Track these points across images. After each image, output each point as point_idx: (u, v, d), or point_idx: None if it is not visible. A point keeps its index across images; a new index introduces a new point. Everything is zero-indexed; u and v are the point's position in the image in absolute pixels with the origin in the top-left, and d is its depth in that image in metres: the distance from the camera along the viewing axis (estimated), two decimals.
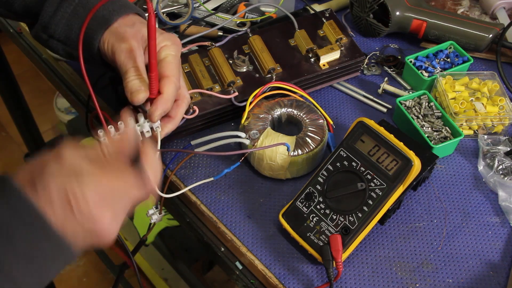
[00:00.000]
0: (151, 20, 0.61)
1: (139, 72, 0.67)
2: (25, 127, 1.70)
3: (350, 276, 0.72)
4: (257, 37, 0.90)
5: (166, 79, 0.66)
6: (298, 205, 0.74)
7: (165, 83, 0.66)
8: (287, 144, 0.77)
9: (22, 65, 2.37)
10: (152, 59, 0.63)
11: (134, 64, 0.67)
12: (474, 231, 0.77)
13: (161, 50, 0.67)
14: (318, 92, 0.93)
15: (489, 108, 0.85)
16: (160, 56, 0.67)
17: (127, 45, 0.67)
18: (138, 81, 0.66)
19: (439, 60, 0.92)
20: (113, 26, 0.69)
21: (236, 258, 0.77)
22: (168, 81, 0.66)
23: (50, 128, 2.19)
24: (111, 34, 0.68)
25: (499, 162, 0.81)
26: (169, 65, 0.67)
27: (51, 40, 0.72)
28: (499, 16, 1.02)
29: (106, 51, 0.68)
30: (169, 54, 0.67)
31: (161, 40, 0.67)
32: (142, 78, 0.66)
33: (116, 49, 0.67)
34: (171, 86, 0.66)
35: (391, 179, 0.70)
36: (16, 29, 1.08)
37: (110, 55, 0.68)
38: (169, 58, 0.67)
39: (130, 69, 0.66)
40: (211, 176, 0.81)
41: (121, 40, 0.67)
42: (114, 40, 0.67)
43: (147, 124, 0.67)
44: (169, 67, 0.67)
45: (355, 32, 1.03)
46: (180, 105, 0.71)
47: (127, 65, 0.66)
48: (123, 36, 0.67)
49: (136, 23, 0.70)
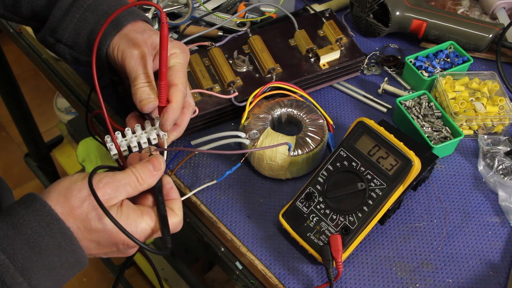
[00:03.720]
0: (164, 30, 0.62)
1: (149, 79, 0.67)
2: (25, 127, 1.70)
3: (350, 276, 0.72)
4: (257, 37, 0.90)
5: (174, 88, 0.67)
6: (298, 205, 0.74)
7: (174, 91, 0.66)
8: (289, 143, 0.77)
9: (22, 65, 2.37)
10: (163, 68, 0.64)
11: (144, 71, 0.67)
12: (474, 231, 0.77)
13: (170, 57, 0.68)
14: (318, 92, 0.93)
15: (489, 108, 0.85)
16: (169, 64, 0.67)
17: (138, 51, 0.67)
18: (148, 89, 0.66)
19: (439, 60, 0.92)
20: (123, 31, 0.69)
21: (236, 258, 0.77)
22: (176, 89, 0.67)
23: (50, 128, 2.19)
24: (121, 39, 0.68)
25: (499, 162, 0.81)
26: (178, 73, 0.67)
27: (58, 45, 0.72)
28: (499, 16, 1.02)
29: (115, 56, 0.68)
30: (177, 62, 0.68)
31: (170, 48, 0.68)
32: (152, 85, 0.67)
33: (126, 54, 0.67)
34: (179, 94, 0.67)
35: (391, 179, 0.70)
36: (16, 29, 1.08)
37: (120, 60, 0.68)
38: (177, 66, 0.68)
39: (140, 75, 0.66)
40: (211, 176, 0.81)
41: (132, 46, 0.67)
42: (125, 46, 0.68)
43: (154, 131, 0.67)
44: (177, 75, 0.67)
45: (355, 32, 1.03)
46: (186, 113, 0.71)
47: (137, 71, 0.67)
48: (133, 42, 0.68)
49: (146, 30, 0.70)
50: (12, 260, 0.49)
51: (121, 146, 0.66)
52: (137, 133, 0.67)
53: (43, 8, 0.72)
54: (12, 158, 2.15)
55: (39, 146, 1.79)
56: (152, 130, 0.67)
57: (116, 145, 0.65)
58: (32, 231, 0.51)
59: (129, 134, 0.66)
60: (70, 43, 0.71)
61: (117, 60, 0.68)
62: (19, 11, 0.74)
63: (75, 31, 0.70)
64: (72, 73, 0.97)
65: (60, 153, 1.95)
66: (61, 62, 0.99)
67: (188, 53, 0.71)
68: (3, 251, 0.50)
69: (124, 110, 0.86)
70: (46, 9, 0.72)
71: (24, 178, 2.09)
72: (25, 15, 0.74)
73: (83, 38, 0.70)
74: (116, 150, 0.66)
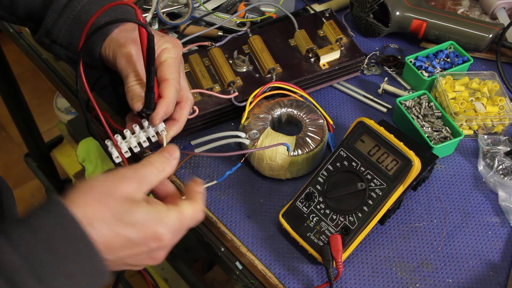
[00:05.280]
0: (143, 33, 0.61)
1: (139, 77, 0.67)
2: (25, 127, 1.70)
3: (350, 276, 0.72)
4: (257, 37, 0.90)
5: (166, 82, 0.67)
6: (298, 205, 0.74)
7: (165, 86, 0.66)
8: (287, 144, 0.77)
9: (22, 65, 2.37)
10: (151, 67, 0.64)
11: (134, 69, 0.67)
12: (474, 231, 0.77)
13: (162, 53, 0.68)
14: (318, 92, 0.93)
15: (489, 108, 0.85)
16: (160, 59, 0.67)
17: (127, 50, 0.67)
18: (138, 87, 0.67)
19: (439, 60, 0.92)
20: (114, 32, 0.69)
21: (236, 258, 0.77)
22: (167, 84, 0.67)
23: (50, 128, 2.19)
24: (112, 40, 0.69)
25: (499, 162, 0.81)
26: (169, 68, 0.67)
27: (54, 45, 0.73)
28: (499, 16, 1.02)
29: (107, 55, 0.69)
30: (169, 57, 0.68)
31: (162, 43, 0.68)
32: (143, 82, 0.67)
33: (117, 54, 0.68)
34: (171, 89, 0.67)
35: (391, 179, 0.70)
36: (16, 29, 1.08)
37: (112, 60, 0.69)
38: (169, 61, 0.68)
39: (130, 74, 0.67)
40: (211, 176, 0.81)
41: (122, 45, 0.68)
42: (115, 46, 0.68)
43: (152, 129, 0.67)
44: (168, 70, 0.67)
45: (355, 32, 1.03)
46: (184, 107, 0.71)
47: (127, 70, 0.67)
48: (124, 42, 0.68)
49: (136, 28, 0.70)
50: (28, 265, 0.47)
51: (121, 148, 0.66)
52: (136, 132, 0.67)
53: (39, 9, 0.73)
54: (12, 158, 2.15)
55: (39, 146, 1.79)
56: (149, 127, 0.67)
57: (117, 148, 0.66)
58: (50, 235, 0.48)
59: (128, 135, 0.66)
60: (65, 44, 0.72)
61: (110, 60, 0.69)
62: (16, 11, 0.74)
63: (69, 32, 0.71)
64: (72, 73, 0.97)
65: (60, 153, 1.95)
66: (61, 62, 0.99)
67: (180, 47, 0.70)
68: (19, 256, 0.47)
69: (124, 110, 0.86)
70: (42, 10, 0.72)
71: (24, 178, 2.09)
72: (22, 16, 0.75)
73: (77, 38, 0.71)
74: (118, 152, 0.66)
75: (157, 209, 0.55)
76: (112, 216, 0.51)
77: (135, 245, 0.53)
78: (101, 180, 0.53)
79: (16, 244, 0.47)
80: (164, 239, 0.55)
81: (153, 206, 0.55)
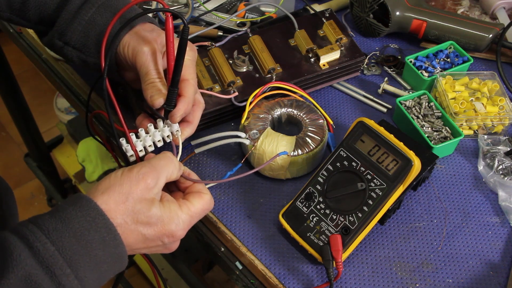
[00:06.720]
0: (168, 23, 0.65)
1: (160, 75, 0.68)
2: (25, 127, 1.70)
3: (350, 276, 0.72)
4: (257, 37, 0.90)
5: (185, 82, 0.68)
6: (298, 205, 0.74)
7: (185, 85, 0.68)
8: (286, 152, 0.77)
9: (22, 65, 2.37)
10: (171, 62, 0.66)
11: (155, 67, 0.68)
12: (474, 231, 0.77)
13: None
14: (318, 92, 0.93)
15: (489, 108, 0.85)
16: None
17: (149, 47, 0.68)
18: (159, 84, 0.68)
19: (439, 60, 0.92)
20: (134, 30, 0.70)
21: (236, 258, 0.77)
22: (187, 83, 0.68)
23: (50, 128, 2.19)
24: (132, 37, 0.69)
25: (499, 162, 0.81)
26: (187, 69, 0.69)
27: (67, 47, 0.73)
28: (499, 16, 1.02)
29: (126, 53, 0.70)
30: (186, 59, 0.69)
31: None
32: (163, 81, 0.68)
33: (138, 51, 0.68)
34: (191, 88, 0.68)
35: (391, 179, 0.70)
36: (16, 29, 1.08)
37: (131, 57, 0.69)
38: (187, 63, 0.69)
39: (151, 70, 0.68)
40: (211, 176, 0.81)
41: (142, 43, 0.69)
42: (136, 43, 0.69)
43: (167, 129, 0.67)
44: (187, 70, 0.69)
45: (355, 32, 1.03)
46: (197, 110, 0.72)
47: (148, 67, 0.68)
48: (144, 40, 0.69)
49: (155, 29, 0.72)
50: (61, 252, 0.51)
51: (136, 146, 0.66)
52: (151, 132, 0.67)
53: (51, 12, 0.73)
54: (12, 158, 2.15)
55: (39, 146, 1.79)
56: (164, 127, 0.68)
57: (133, 146, 0.66)
58: (79, 225, 0.53)
59: (143, 134, 0.67)
60: (79, 46, 0.72)
61: (128, 57, 0.69)
62: (27, 15, 0.74)
63: (84, 33, 0.71)
64: (72, 73, 0.97)
65: (60, 153, 1.95)
66: (61, 62, 0.99)
67: (195, 51, 0.73)
68: (52, 243, 0.51)
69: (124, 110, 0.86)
70: (55, 13, 0.73)
71: (24, 178, 2.09)
72: (33, 19, 0.75)
73: (92, 40, 0.71)
74: (133, 151, 0.66)
75: (169, 209, 0.59)
76: (129, 216, 0.56)
77: (149, 241, 0.58)
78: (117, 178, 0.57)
79: (48, 234, 0.51)
80: (177, 235, 0.60)
81: (166, 206, 0.59)
